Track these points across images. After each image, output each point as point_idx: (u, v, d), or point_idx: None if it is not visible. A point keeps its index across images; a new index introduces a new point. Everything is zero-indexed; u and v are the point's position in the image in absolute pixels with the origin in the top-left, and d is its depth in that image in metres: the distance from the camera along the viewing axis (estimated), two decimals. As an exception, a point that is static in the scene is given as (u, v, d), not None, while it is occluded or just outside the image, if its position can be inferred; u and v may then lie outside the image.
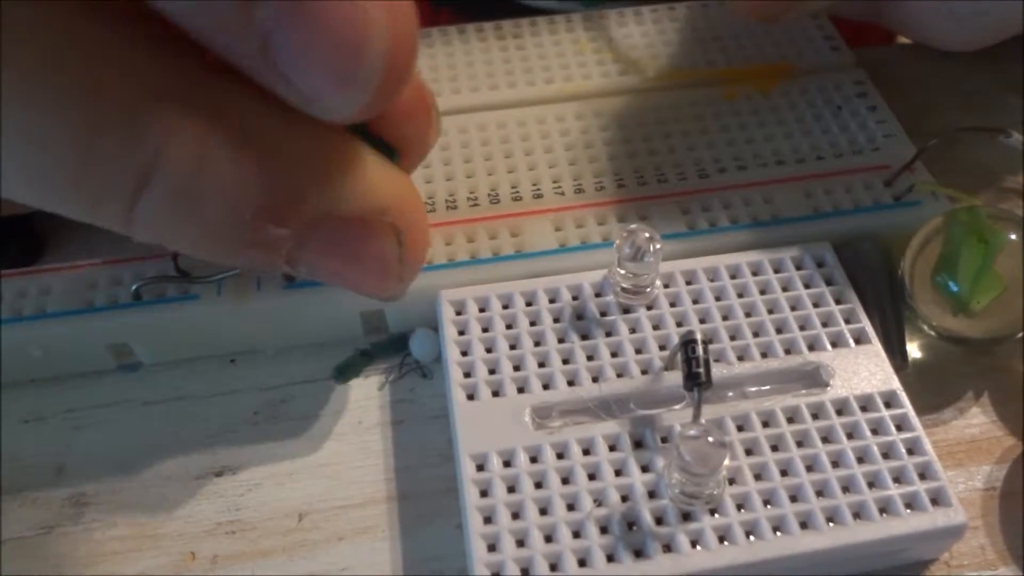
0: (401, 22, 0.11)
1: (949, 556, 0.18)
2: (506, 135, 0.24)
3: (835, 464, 0.18)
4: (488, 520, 0.17)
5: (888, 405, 0.19)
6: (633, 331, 0.20)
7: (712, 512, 0.17)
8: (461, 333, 0.20)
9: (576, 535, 0.17)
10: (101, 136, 0.11)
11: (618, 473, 0.18)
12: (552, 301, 0.20)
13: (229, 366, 0.21)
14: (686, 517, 0.17)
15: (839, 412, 0.18)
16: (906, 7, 0.26)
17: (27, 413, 0.21)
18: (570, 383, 0.19)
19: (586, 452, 0.18)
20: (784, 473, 0.18)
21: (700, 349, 0.18)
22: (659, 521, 0.17)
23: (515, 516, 0.17)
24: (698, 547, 0.17)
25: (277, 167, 0.12)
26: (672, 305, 0.20)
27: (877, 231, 0.22)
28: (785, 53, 0.26)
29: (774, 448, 0.18)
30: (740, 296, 0.20)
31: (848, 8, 0.28)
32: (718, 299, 0.20)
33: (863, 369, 0.19)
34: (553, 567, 0.16)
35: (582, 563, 0.16)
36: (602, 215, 0.22)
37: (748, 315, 0.20)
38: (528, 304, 0.20)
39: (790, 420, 0.18)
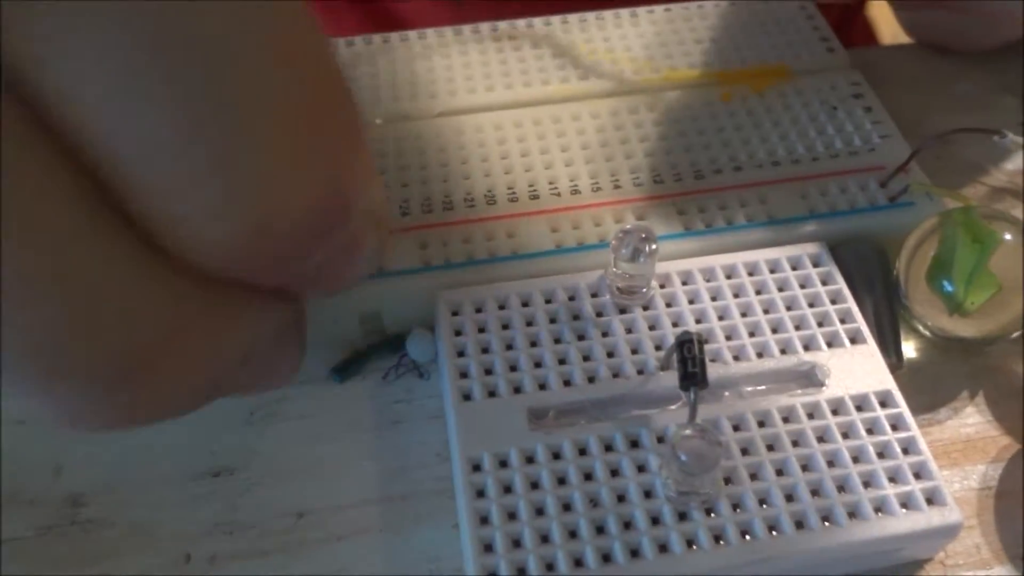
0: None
1: (944, 555, 0.18)
2: (502, 137, 0.24)
3: (830, 464, 0.18)
4: (484, 521, 0.17)
5: (883, 405, 0.19)
6: (629, 331, 0.20)
7: (708, 512, 0.17)
8: (458, 334, 0.20)
9: (572, 535, 0.17)
10: None
11: (614, 473, 0.18)
12: (548, 302, 0.20)
13: (226, 367, 0.21)
14: (682, 517, 0.17)
15: (834, 412, 0.19)
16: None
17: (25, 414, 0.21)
18: (566, 383, 0.19)
19: (582, 452, 0.18)
20: (780, 473, 0.18)
21: (696, 349, 0.18)
22: (655, 521, 0.17)
23: (511, 516, 0.17)
24: (694, 547, 0.17)
25: None
26: (668, 305, 0.20)
27: (872, 231, 0.22)
28: (781, 54, 0.26)
29: (770, 448, 0.18)
30: (736, 296, 0.20)
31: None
32: (714, 299, 0.20)
33: (858, 369, 0.19)
34: (549, 567, 0.16)
35: (578, 563, 0.16)
36: (598, 216, 0.22)
37: (744, 315, 0.20)
38: (524, 305, 0.20)
39: (786, 420, 0.18)
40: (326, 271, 0.14)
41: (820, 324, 0.20)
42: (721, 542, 0.17)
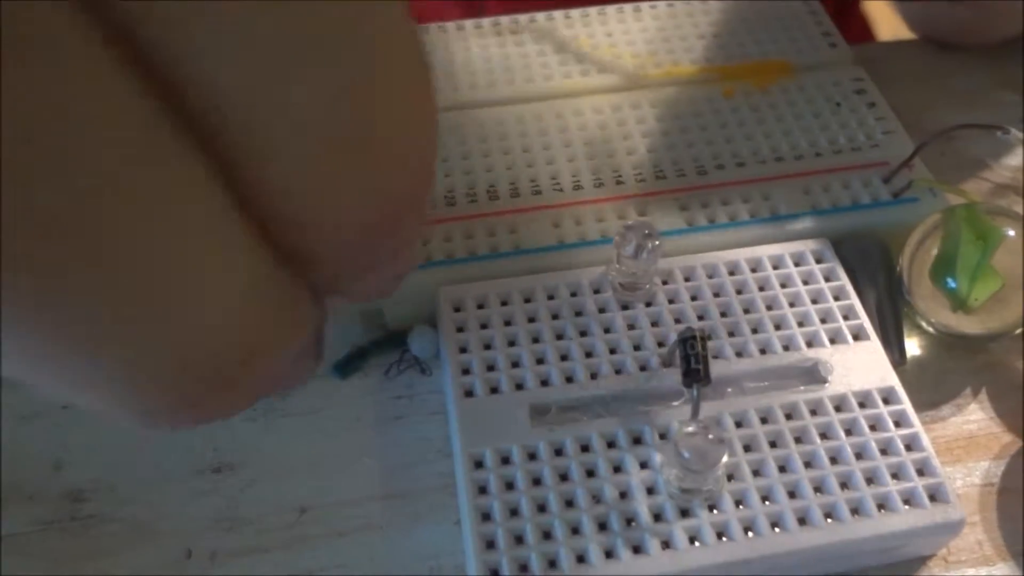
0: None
1: (947, 552, 0.18)
2: (504, 132, 0.24)
3: (833, 460, 0.18)
4: (486, 517, 0.17)
5: (886, 401, 0.19)
6: (632, 327, 0.20)
7: (710, 508, 0.17)
8: (460, 330, 0.20)
9: (574, 532, 0.17)
10: None
11: (616, 470, 0.18)
12: (551, 298, 0.20)
13: (227, 363, 0.21)
14: (684, 513, 0.17)
15: (837, 408, 0.18)
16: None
17: (25, 410, 0.21)
18: (568, 380, 0.19)
19: (584, 449, 0.18)
20: (782, 469, 0.18)
21: (699, 345, 0.18)
22: (657, 518, 0.17)
23: (513, 513, 0.17)
24: (696, 543, 0.17)
25: None
26: (671, 301, 0.20)
27: (876, 228, 0.22)
28: (783, 50, 0.26)
29: (772, 444, 0.18)
30: (739, 292, 0.20)
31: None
32: (716, 295, 0.20)
33: (861, 365, 0.19)
34: (551, 564, 0.16)
35: (580, 560, 0.16)
36: (600, 212, 0.22)
37: (747, 312, 0.20)
38: (527, 301, 0.20)
39: (788, 416, 0.18)
40: (385, 265, 0.14)
41: (823, 320, 0.20)
42: (724, 538, 0.17)
